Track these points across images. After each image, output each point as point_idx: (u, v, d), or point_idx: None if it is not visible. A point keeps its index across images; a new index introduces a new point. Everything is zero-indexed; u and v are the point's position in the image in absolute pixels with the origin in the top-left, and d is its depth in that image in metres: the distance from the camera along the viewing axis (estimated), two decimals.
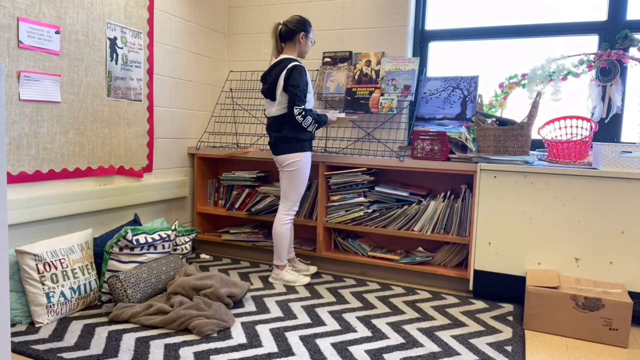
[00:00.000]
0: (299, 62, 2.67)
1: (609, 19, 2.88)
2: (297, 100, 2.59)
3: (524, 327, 2.31)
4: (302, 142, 2.71)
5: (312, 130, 2.70)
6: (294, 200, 2.79)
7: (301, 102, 2.60)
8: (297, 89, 2.58)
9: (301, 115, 2.60)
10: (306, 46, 2.77)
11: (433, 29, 3.32)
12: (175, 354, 1.88)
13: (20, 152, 2.27)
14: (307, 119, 2.62)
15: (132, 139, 2.92)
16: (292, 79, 2.59)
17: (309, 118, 2.63)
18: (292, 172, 2.74)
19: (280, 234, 2.79)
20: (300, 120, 2.61)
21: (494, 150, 2.73)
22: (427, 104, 3.16)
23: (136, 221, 2.79)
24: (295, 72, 2.59)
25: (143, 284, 2.35)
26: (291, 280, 2.82)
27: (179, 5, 3.28)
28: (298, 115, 2.60)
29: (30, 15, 2.26)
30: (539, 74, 2.88)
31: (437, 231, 2.90)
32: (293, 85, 2.59)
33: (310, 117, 2.64)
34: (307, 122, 2.63)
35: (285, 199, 2.80)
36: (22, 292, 2.13)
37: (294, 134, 2.68)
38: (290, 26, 2.71)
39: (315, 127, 2.70)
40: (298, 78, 2.58)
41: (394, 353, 1.96)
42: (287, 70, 2.62)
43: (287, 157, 2.72)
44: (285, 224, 2.80)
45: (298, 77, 2.58)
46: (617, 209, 2.36)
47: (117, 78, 2.77)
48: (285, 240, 2.80)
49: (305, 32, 2.73)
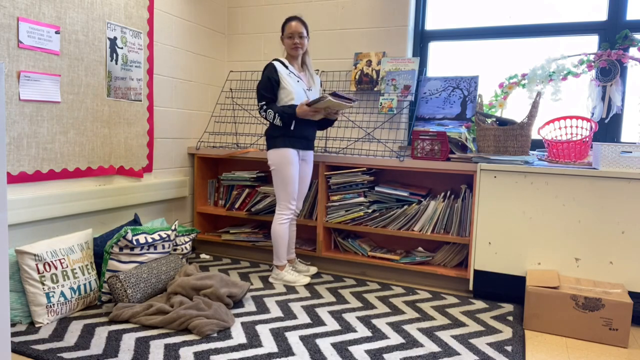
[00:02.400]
0: (275, 61, 2.74)
1: (609, 19, 2.88)
2: (257, 97, 2.72)
3: (524, 327, 2.31)
4: (275, 139, 2.73)
5: (278, 123, 2.66)
6: (282, 198, 2.78)
7: (261, 98, 2.70)
8: (258, 85, 2.71)
9: (262, 110, 2.69)
10: (285, 45, 2.79)
11: (433, 29, 3.32)
12: (175, 354, 1.88)
13: (20, 152, 2.27)
14: (267, 112, 2.68)
15: (132, 139, 2.92)
16: (261, 79, 2.74)
17: (270, 111, 2.67)
18: (273, 170, 2.77)
19: (277, 233, 2.79)
20: (263, 115, 2.70)
21: (494, 150, 2.73)
22: (427, 104, 3.16)
23: (136, 221, 2.79)
24: (264, 71, 2.73)
25: (143, 284, 2.35)
26: (291, 280, 2.82)
27: (179, 5, 3.28)
28: (260, 111, 2.71)
29: (30, 15, 2.26)
30: (539, 74, 2.88)
31: (437, 231, 2.90)
32: (259, 84, 2.73)
33: (271, 110, 2.67)
34: (269, 116, 2.68)
35: (277, 198, 2.82)
36: (22, 292, 2.13)
37: (268, 131, 2.77)
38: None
39: (281, 121, 2.64)
40: (262, 75, 2.72)
41: (394, 353, 1.96)
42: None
43: (268, 155, 2.79)
44: (282, 223, 2.78)
45: (263, 75, 2.71)
46: (617, 209, 2.36)
47: (117, 78, 2.77)
48: (282, 240, 2.80)
49: (282, 32, 2.81)
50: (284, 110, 2.65)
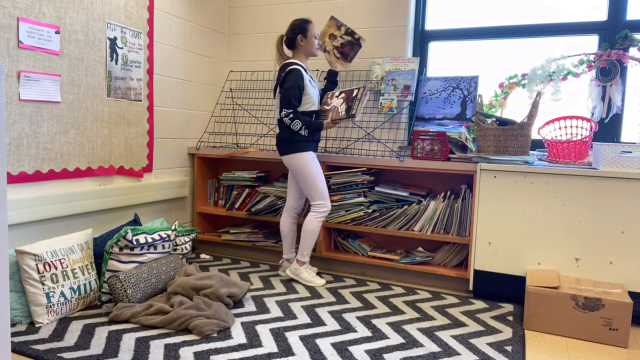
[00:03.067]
0: (297, 65, 2.69)
1: (609, 19, 2.88)
2: (285, 103, 2.64)
3: (524, 327, 2.31)
4: (295, 144, 2.71)
5: (304, 134, 2.68)
6: (317, 197, 2.76)
7: (289, 106, 2.63)
8: (287, 91, 2.63)
9: (288, 117, 2.64)
10: (309, 45, 2.77)
11: (433, 29, 3.32)
12: (175, 354, 1.88)
13: (20, 152, 2.27)
14: (295, 122, 2.64)
15: (132, 139, 2.92)
16: (286, 81, 2.66)
17: (298, 122, 2.64)
18: (296, 174, 2.76)
19: (311, 228, 2.78)
20: (288, 123, 2.65)
21: (494, 150, 2.73)
22: (427, 104, 3.16)
23: (136, 221, 2.79)
24: (289, 75, 2.65)
25: (143, 284, 2.35)
26: (307, 279, 2.81)
27: (179, 5, 3.28)
28: (285, 118, 2.64)
29: (30, 15, 2.26)
30: (539, 74, 2.88)
31: (437, 231, 2.90)
32: (284, 87, 2.65)
33: (299, 121, 2.64)
34: (295, 125, 2.65)
35: (311, 199, 2.80)
36: (22, 292, 2.13)
37: (287, 135, 2.71)
38: (289, 35, 2.80)
39: (307, 132, 2.69)
40: (290, 80, 2.64)
41: (394, 353, 1.96)
42: (286, 72, 2.68)
43: (285, 159, 2.77)
44: (319, 219, 2.78)
45: (291, 79, 2.64)
46: (617, 209, 2.36)
47: (117, 78, 2.77)
48: (314, 235, 2.80)
49: (302, 33, 2.75)
50: (312, 125, 2.68)
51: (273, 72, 3.65)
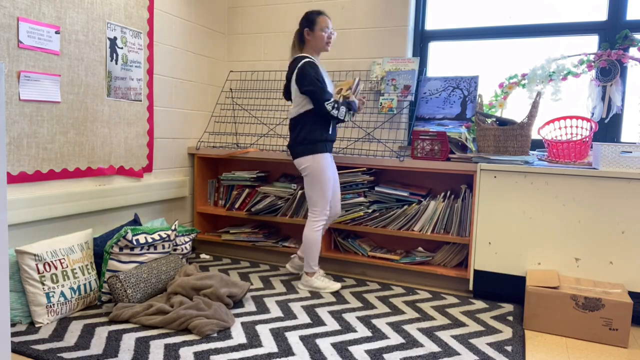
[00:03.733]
0: (308, 58, 2.59)
1: (609, 19, 2.88)
2: (322, 96, 2.51)
3: (524, 327, 2.31)
4: (314, 144, 2.59)
5: (348, 119, 2.59)
6: (319, 204, 2.65)
7: (326, 96, 2.52)
8: (315, 86, 2.51)
9: (335, 108, 2.52)
10: (316, 39, 2.63)
11: (433, 29, 3.32)
12: (175, 354, 1.88)
13: (20, 152, 2.27)
14: (341, 109, 2.53)
15: (132, 139, 2.92)
16: (304, 79, 2.53)
17: (343, 108, 2.54)
18: (307, 176, 2.64)
19: (311, 240, 2.66)
20: (336, 114, 2.52)
21: (494, 150, 2.73)
22: (427, 104, 3.16)
23: (136, 221, 2.79)
24: (304, 71, 2.53)
25: (143, 284, 2.35)
26: (321, 287, 2.71)
27: (179, 5, 3.28)
28: (333, 110, 2.51)
29: (30, 15, 2.26)
30: (539, 74, 2.88)
31: (437, 231, 2.90)
32: (308, 84, 2.52)
33: (343, 107, 2.55)
34: (342, 113, 2.54)
35: (311, 205, 2.68)
36: (22, 292, 2.13)
37: (307, 135, 2.59)
38: (298, 29, 2.70)
39: (351, 115, 2.61)
40: (308, 76, 2.51)
41: (394, 353, 1.96)
42: (297, 69, 2.57)
43: (299, 161, 2.64)
44: (317, 230, 2.66)
45: (308, 74, 2.51)
46: (617, 209, 2.36)
47: (117, 78, 2.77)
48: (316, 247, 2.68)
49: (309, 26, 2.63)
50: (351, 107, 2.60)
51: (273, 72, 3.65)
